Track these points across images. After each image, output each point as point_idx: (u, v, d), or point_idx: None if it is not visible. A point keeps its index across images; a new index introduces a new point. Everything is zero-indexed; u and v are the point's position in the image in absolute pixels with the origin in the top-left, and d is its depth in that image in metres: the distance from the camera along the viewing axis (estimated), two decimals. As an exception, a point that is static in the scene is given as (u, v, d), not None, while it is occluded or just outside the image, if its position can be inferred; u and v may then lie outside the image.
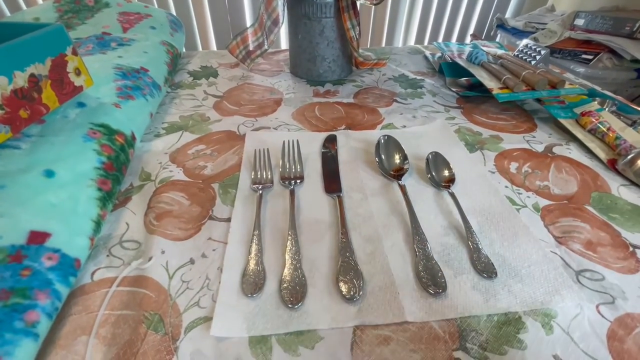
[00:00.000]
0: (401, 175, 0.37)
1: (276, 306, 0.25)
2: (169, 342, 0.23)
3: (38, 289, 0.23)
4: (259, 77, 0.64)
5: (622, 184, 0.38)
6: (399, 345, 0.23)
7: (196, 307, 0.25)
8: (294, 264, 0.28)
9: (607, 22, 1.02)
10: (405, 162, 0.39)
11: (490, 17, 1.61)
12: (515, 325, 0.24)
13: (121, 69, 0.46)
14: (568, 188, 0.37)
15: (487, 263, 0.28)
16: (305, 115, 0.51)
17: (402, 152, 0.40)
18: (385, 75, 0.66)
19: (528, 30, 1.26)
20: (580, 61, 1.02)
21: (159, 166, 0.39)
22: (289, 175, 0.37)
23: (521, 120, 0.51)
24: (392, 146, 0.41)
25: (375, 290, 0.26)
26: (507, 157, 0.42)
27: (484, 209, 0.34)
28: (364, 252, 0.30)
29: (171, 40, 0.63)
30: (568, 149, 0.44)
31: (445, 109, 0.54)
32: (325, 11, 0.55)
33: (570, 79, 0.64)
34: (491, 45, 0.74)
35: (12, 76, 0.29)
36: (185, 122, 0.48)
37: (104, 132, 0.35)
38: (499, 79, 0.54)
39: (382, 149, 0.40)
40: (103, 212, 0.31)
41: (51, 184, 0.28)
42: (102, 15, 0.63)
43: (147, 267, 0.28)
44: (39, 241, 0.25)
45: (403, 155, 0.40)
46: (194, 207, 0.34)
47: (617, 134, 0.42)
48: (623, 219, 0.33)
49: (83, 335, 0.23)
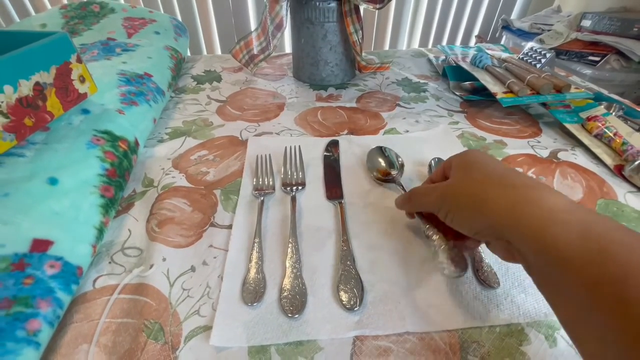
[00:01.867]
0: (390, 180, 0.37)
1: (276, 315, 0.25)
2: (168, 351, 0.23)
3: (40, 297, 0.23)
4: (262, 82, 0.64)
5: (629, 190, 0.37)
6: (398, 357, 0.23)
7: (196, 315, 0.25)
8: (295, 272, 0.28)
9: (614, 23, 1.01)
10: (391, 168, 0.39)
11: (495, 19, 1.60)
12: (517, 337, 0.24)
13: (125, 75, 0.46)
14: (574, 194, 0.37)
15: (489, 272, 0.28)
16: (307, 120, 0.51)
17: (389, 159, 0.40)
18: (389, 79, 0.66)
19: (534, 31, 1.25)
20: (587, 63, 1.01)
21: (161, 172, 0.39)
22: (290, 182, 0.37)
23: (526, 125, 0.50)
24: (381, 154, 0.41)
25: (376, 299, 0.26)
26: (512, 163, 0.42)
27: None
28: (366, 260, 0.29)
29: (175, 45, 0.64)
30: (574, 155, 0.43)
31: (448, 113, 0.53)
32: (328, 16, 0.55)
33: (577, 83, 0.63)
34: (495, 49, 0.73)
35: (17, 85, 0.30)
36: (188, 127, 0.49)
37: (107, 139, 0.35)
38: (503, 83, 0.54)
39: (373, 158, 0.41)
40: (105, 219, 0.31)
41: (54, 191, 0.28)
42: (108, 20, 0.64)
43: (148, 274, 0.28)
44: (42, 249, 0.25)
45: (389, 162, 0.39)
46: (196, 213, 0.34)
47: (624, 139, 0.42)
48: (630, 227, 0.33)
49: (84, 344, 0.23)
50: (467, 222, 0.24)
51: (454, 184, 0.26)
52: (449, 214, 0.25)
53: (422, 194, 0.29)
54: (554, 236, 0.18)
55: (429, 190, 0.28)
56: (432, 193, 0.27)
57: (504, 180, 0.23)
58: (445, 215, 0.26)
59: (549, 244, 0.18)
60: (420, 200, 0.29)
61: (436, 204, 0.26)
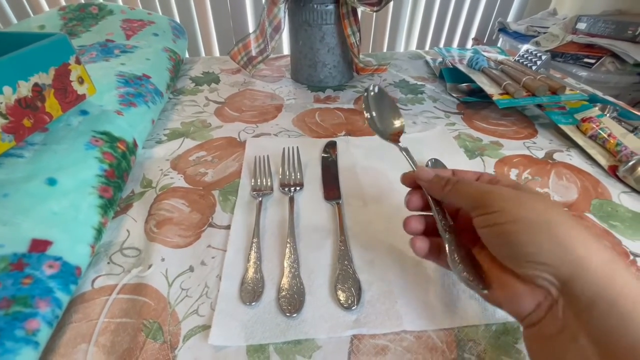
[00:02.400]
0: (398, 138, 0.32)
1: (274, 315, 0.25)
2: (167, 350, 0.23)
3: (39, 297, 0.23)
4: (260, 83, 0.64)
5: (623, 191, 0.38)
6: (396, 355, 0.23)
7: (195, 315, 0.25)
8: (292, 272, 0.28)
9: (609, 26, 1.02)
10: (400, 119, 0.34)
11: (492, 21, 1.61)
12: (513, 335, 0.24)
13: (124, 76, 0.47)
14: (568, 195, 0.37)
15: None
16: (305, 121, 0.52)
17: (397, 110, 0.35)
18: (386, 80, 0.66)
19: (530, 34, 1.26)
20: (583, 65, 1.02)
21: (160, 173, 0.40)
22: (288, 182, 0.38)
23: (522, 126, 0.51)
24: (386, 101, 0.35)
25: (374, 299, 0.27)
26: (507, 164, 0.42)
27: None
28: (363, 260, 0.30)
29: (174, 46, 0.64)
30: (569, 155, 0.44)
31: (445, 114, 0.54)
32: (325, 18, 0.55)
33: (572, 85, 0.64)
34: (492, 51, 0.74)
35: (17, 86, 0.30)
36: (186, 128, 0.49)
37: (106, 140, 0.36)
38: (499, 84, 0.54)
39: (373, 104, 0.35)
40: (104, 220, 0.31)
41: (53, 192, 0.29)
42: (106, 22, 0.64)
43: (147, 274, 0.28)
44: (41, 249, 0.25)
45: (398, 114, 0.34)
46: (194, 214, 0.34)
47: (618, 140, 0.42)
48: (624, 226, 0.33)
49: (83, 343, 0.23)
50: (524, 245, 0.18)
51: (525, 195, 0.20)
52: (500, 226, 0.19)
53: (473, 184, 0.22)
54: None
55: (482, 185, 0.22)
56: (490, 189, 0.21)
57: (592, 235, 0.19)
58: (488, 223, 0.20)
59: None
60: (468, 190, 0.22)
61: (489, 204, 0.20)
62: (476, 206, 0.21)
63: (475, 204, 0.21)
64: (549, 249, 0.18)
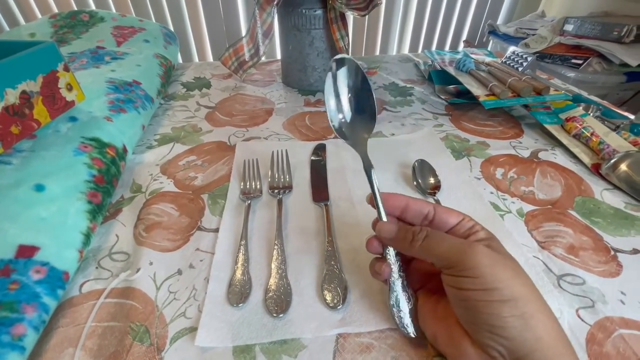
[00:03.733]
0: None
1: (261, 315, 0.26)
2: (154, 352, 0.23)
3: (25, 302, 0.23)
4: (251, 88, 0.65)
5: (606, 188, 0.39)
6: (380, 353, 0.23)
7: (182, 317, 0.26)
8: (280, 273, 0.28)
9: (595, 27, 1.04)
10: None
11: (482, 24, 1.63)
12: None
13: (114, 83, 0.47)
14: (552, 193, 0.38)
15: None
16: (295, 124, 0.52)
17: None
18: (376, 83, 0.67)
19: (519, 36, 1.28)
20: (571, 66, 1.04)
21: (149, 178, 0.40)
22: (277, 185, 0.38)
23: (508, 127, 0.51)
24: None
25: (359, 298, 0.27)
26: (494, 163, 0.43)
27: (468, 214, 0.34)
28: (350, 261, 0.30)
29: (165, 52, 0.65)
30: (553, 154, 0.45)
31: (433, 116, 0.55)
32: (314, 23, 0.56)
33: (557, 85, 0.65)
34: (480, 53, 0.75)
35: (4, 93, 0.30)
36: (177, 133, 0.49)
37: (95, 146, 0.36)
38: (485, 86, 0.55)
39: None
40: (93, 225, 0.31)
41: (41, 198, 0.29)
42: (97, 29, 0.64)
43: (135, 278, 0.28)
44: (28, 255, 0.25)
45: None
46: (183, 218, 0.34)
47: (600, 138, 0.43)
48: (605, 222, 0.34)
49: (70, 347, 0.24)
50: (491, 317, 0.18)
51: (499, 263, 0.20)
52: (470, 292, 0.19)
53: (445, 240, 0.22)
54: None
55: (456, 242, 0.21)
56: (464, 249, 0.20)
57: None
58: (458, 285, 0.20)
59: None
60: (439, 248, 0.21)
61: (462, 267, 0.20)
62: (448, 266, 0.21)
63: (447, 264, 0.21)
64: (514, 326, 0.18)
